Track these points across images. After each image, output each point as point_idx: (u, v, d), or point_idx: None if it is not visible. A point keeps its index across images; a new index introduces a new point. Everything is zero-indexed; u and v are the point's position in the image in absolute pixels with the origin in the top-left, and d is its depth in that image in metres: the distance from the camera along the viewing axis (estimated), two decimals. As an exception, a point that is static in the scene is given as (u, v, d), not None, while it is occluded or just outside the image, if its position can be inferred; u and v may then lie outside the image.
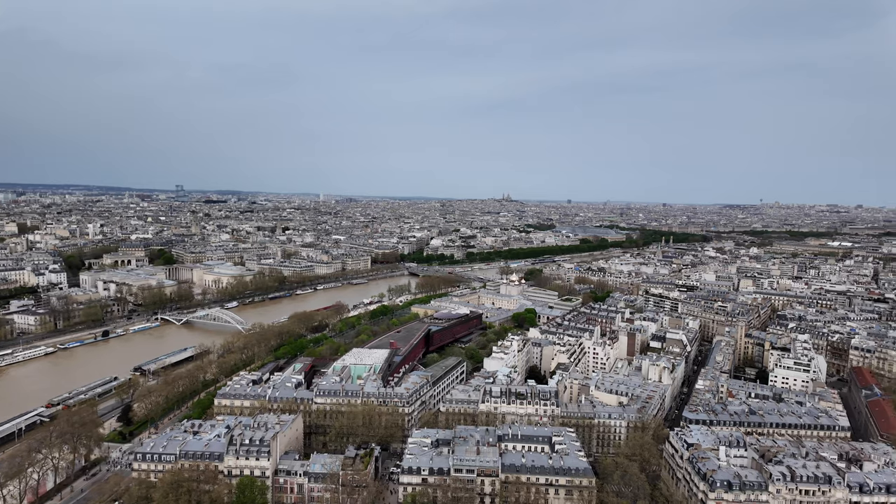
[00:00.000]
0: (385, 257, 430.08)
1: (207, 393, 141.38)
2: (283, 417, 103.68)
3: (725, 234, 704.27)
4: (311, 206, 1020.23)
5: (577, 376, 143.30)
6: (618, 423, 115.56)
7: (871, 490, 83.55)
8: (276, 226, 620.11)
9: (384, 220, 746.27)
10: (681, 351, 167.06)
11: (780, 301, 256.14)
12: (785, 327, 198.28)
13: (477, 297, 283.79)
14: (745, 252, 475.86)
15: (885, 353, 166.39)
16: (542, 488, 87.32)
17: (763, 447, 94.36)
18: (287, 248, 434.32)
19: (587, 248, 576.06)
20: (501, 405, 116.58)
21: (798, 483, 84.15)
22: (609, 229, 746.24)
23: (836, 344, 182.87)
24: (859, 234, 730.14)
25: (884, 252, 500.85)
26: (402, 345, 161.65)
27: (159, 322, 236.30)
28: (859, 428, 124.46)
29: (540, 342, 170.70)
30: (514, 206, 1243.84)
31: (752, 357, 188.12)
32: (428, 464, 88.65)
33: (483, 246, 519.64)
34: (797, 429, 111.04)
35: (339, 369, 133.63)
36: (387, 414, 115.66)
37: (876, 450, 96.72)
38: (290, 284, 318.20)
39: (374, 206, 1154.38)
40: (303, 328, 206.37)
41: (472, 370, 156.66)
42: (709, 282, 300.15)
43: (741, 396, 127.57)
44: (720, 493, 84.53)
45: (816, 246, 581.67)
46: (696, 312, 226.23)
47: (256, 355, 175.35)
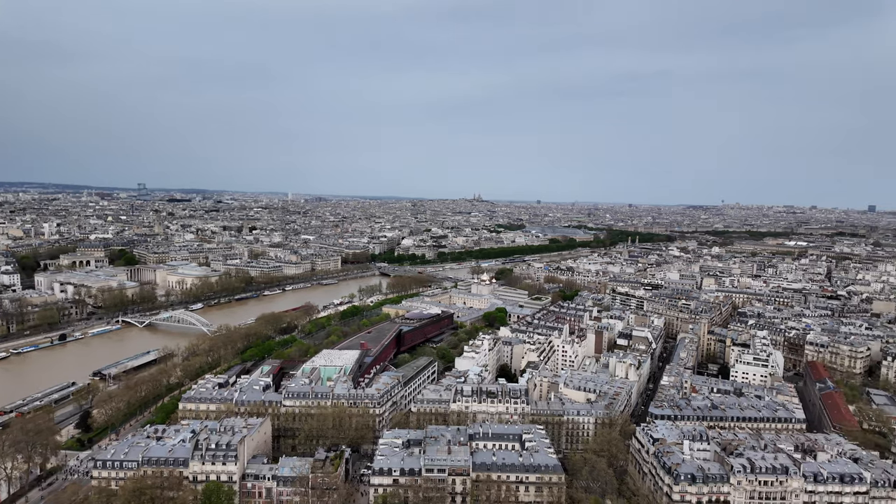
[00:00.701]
0: (356, 257, 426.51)
1: (172, 397, 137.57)
2: (250, 421, 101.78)
3: (689, 234, 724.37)
4: (280, 206, 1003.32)
5: (547, 374, 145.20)
6: (586, 419, 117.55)
7: (825, 479, 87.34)
8: (242, 225, 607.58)
9: (354, 220, 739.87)
10: (646, 348, 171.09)
11: (741, 298, 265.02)
12: (745, 324, 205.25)
13: (448, 296, 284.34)
14: (708, 251, 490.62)
15: (837, 348, 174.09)
16: (512, 486, 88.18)
17: (725, 440, 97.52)
18: (254, 249, 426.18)
19: (556, 247, 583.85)
20: (472, 404, 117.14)
21: (757, 474, 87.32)
22: (577, 229, 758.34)
23: (793, 339, 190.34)
24: (813, 234, 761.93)
25: (836, 251, 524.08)
26: (372, 345, 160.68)
27: (120, 325, 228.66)
28: (814, 420, 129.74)
29: (510, 341, 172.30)
30: (485, 206, 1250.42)
31: (715, 353, 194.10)
32: (399, 464, 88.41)
33: (454, 246, 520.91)
34: (756, 422, 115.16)
35: (308, 371, 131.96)
36: (357, 415, 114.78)
37: (829, 440, 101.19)
38: (257, 285, 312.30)
39: (345, 205, 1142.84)
40: (271, 330, 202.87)
41: (444, 370, 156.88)
42: (673, 280, 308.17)
43: (704, 392, 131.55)
44: (684, 486, 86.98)
45: (774, 245, 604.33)
46: (661, 310, 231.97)
47: (223, 358, 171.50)
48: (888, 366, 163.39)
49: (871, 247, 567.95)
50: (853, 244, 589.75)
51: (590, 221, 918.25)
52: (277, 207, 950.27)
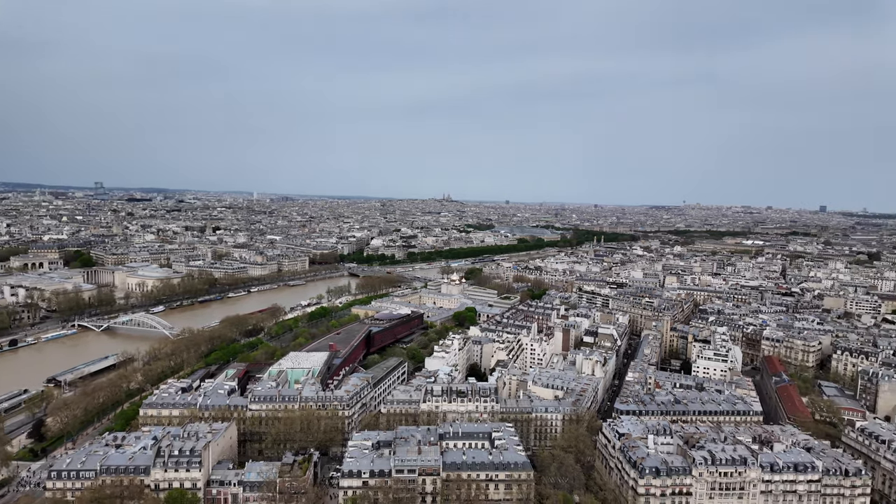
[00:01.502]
0: (324, 258, 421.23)
1: (132, 403, 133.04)
2: (215, 426, 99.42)
3: (652, 234, 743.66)
4: (245, 205, 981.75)
5: (516, 372, 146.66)
6: (554, 416, 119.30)
7: (781, 469, 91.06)
8: (205, 225, 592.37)
9: (322, 220, 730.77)
10: (612, 345, 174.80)
11: (702, 296, 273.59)
12: (706, 321, 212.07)
13: (418, 296, 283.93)
14: (670, 251, 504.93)
15: (792, 343, 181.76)
16: (482, 484, 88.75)
17: (687, 434, 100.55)
18: (218, 249, 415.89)
19: (525, 247, 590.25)
20: (443, 404, 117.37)
21: (718, 466, 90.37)
22: (545, 229, 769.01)
23: (750, 335, 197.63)
24: (769, 233, 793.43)
25: (790, 250, 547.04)
26: (341, 347, 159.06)
27: (76, 329, 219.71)
28: (770, 412, 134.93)
29: (480, 340, 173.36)
30: (454, 206, 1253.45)
31: (677, 349, 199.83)
32: (369, 466, 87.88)
33: (424, 246, 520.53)
34: (717, 415, 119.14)
35: (275, 374, 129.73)
36: (326, 418, 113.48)
37: (784, 431, 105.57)
38: (221, 287, 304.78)
39: (312, 205, 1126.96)
40: (236, 332, 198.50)
41: (414, 370, 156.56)
42: (637, 279, 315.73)
43: (667, 387, 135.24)
44: (649, 479, 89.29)
45: (733, 244, 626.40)
46: (626, 308, 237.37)
47: (186, 362, 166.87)
48: (838, 359, 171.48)
49: (822, 245, 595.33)
50: (806, 243, 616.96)
51: (557, 221, 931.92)
52: (242, 207, 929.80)
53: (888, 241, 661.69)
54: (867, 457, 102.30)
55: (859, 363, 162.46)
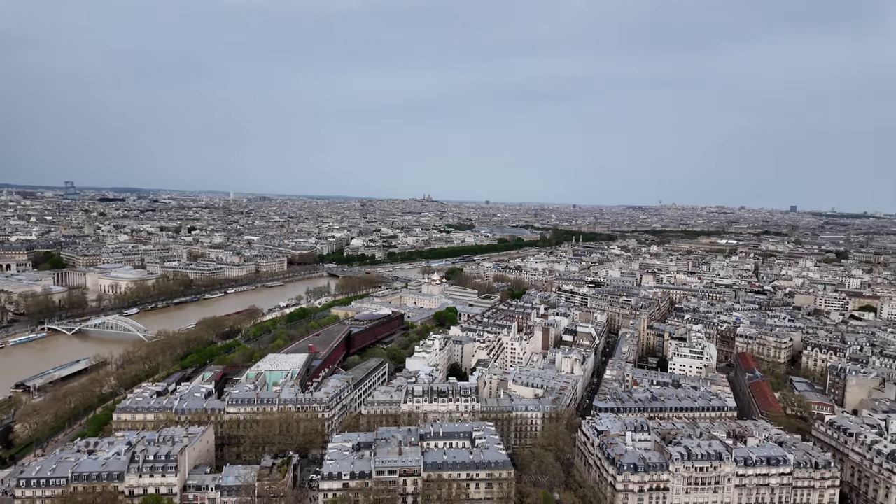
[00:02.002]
0: (302, 258, 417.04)
1: (105, 408, 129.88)
2: (191, 430, 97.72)
3: (629, 234, 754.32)
4: (221, 205, 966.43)
5: (497, 371, 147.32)
6: (534, 414, 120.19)
7: (754, 463, 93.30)
8: (181, 226, 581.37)
9: (301, 220, 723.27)
10: (590, 343, 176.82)
11: (678, 294, 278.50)
12: (681, 319, 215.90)
13: (399, 297, 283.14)
14: (647, 250, 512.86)
15: (764, 340, 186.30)
16: (463, 483, 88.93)
17: (664, 430, 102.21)
18: (194, 250, 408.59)
19: (505, 247, 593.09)
20: (423, 404, 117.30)
21: (694, 461, 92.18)
22: (525, 229, 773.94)
23: (725, 332, 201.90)
24: (742, 232, 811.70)
25: (762, 249, 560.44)
26: (321, 348, 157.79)
27: (46, 332, 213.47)
28: (744, 407, 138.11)
29: (461, 340, 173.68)
30: (434, 206, 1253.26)
31: (654, 347, 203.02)
32: (349, 468, 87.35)
33: (404, 246, 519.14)
34: (693, 411, 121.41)
35: (253, 376, 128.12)
36: (305, 420, 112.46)
37: (757, 426, 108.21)
38: (197, 288, 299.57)
39: (290, 205, 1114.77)
40: (212, 334, 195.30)
41: (395, 370, 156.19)
42: (615, 278, 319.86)
43: (644, 384, 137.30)
44: (627, 475, 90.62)
45: (707, 244, 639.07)
46: (604, 307, 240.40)
47: (161, 365, 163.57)
48: (808, 355, 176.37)
49: (793, 245, 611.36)
50: (777, 242, 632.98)
51: (536, 221, 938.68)
52: (219, 207, 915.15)
53: (855, 240, 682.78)
54: (836, 449, 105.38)
55: (828, 359, 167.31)
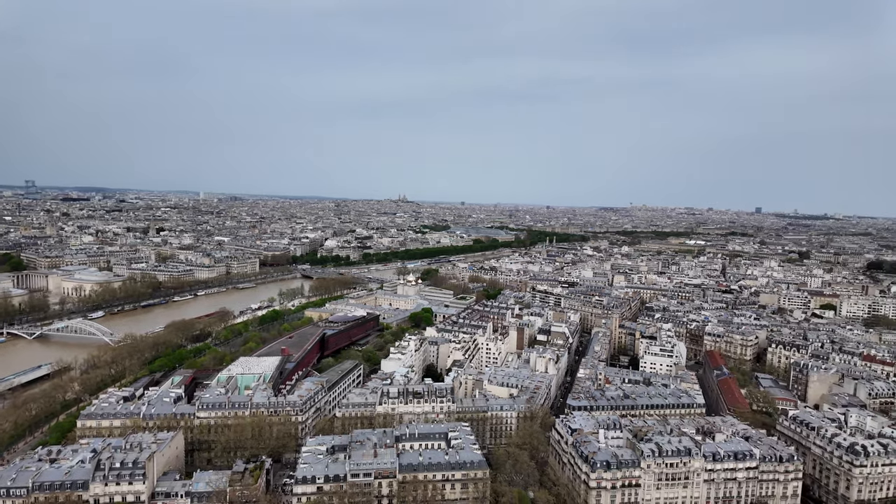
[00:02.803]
0: (275, 259, 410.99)
1: (68, 415, 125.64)
2: (160, 436, 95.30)
3: (601, 234, 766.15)
4: (191, 205, 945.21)
5: (472, 372, 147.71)
6: (509, 414, 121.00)
7: (722, 458, 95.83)
8: (149, 226, 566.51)
9: (274, 221, 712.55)
10: (564, 343, 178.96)
11: (648, 294, 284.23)
12: (652, 318, 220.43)
13: (374, 298, 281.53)
14: (618, 250, 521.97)
15: (731, 338, 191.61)
16: (438, 484, 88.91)
17: (636, 427, 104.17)
18: (162, 251, 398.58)
19: (480, 248, 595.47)
20: (399, 405, 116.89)
21: (664, 457, 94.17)
22: (500, 230, 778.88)
23: (694, 331, 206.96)
24: (710, 233, 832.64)
25: (729, 249, 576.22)
26: (294, 351, 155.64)
27: (6, 337, 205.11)
28: (712, 404, 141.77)
29: (436, 340, 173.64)
30: (410, 206, 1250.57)
31: (626, 345, 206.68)
32: (323, 471, 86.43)
33: (380, 247, 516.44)
34: (663, 408, 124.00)
35: (224, 380, 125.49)
36: (278, 424, 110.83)
37: (725, 422, 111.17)
38: (166, 290, 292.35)
39: (263, 205, 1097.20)
40: (182, 338, 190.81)
41: (370, 372, 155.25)
42: (587, 278, 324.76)
43: (617, 382, 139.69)
44: (600, 472, 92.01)
45: (677, 244, 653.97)
46: (577, 306, 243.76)
47: (128, 369, 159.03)
48: (773, 352, 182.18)
49: (758, 245, 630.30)
50: (743, 243, 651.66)
51: (511, 222, 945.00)
52: (188, 207, 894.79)
53: (816, 240, 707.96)
54: (799, 443, 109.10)
55: (791, 356, 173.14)
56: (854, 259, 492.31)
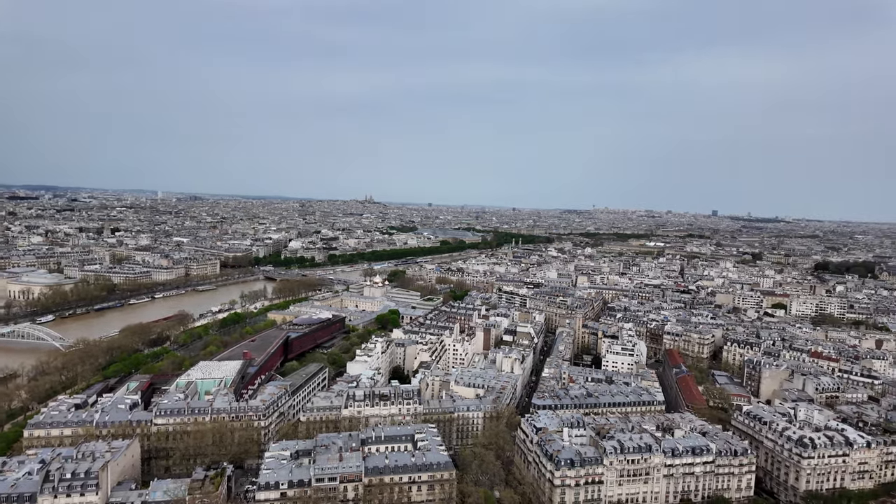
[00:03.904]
0: (237, 261, 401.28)
1: (15, 424, 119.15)
2: (115, 444, 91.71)
3: (565, 236, 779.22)
4: (148, 205, 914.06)
5: (439, 373, 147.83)
6: (475, 414, 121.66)
7: (681, 453, 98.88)
8: (103, 227, 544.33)
9: (235, 221, 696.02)
10: (529, 343, 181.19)
11: (610, 294, 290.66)
12: (614, 317, 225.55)
13: (340, 300, 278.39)
14: (582, 252, 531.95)
15: (689, 337, 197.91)
16: (405, 486, 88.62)
17: (598, 425, 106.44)
18: (118, 252, 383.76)
19: (447, 249, 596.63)
20: (365, 408, 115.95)
21: (626, 454, 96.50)
22: (467, 231, 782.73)
23: (654, 330, 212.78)
24: (669, 235, 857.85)
25: (687, 251, 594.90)
26: (257, 354, 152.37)
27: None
28: (671, 401, 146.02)
29: (403, 342, 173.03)
30: (377, 207, 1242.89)
31: (589, 345, 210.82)
32: (287, 477, 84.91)
33: (346, 248, 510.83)
34: (625, 406, 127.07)
35: (183, 385, 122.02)
36: (240, 429, 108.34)
37: (683, 418, 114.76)
38: (121, 293, 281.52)
39: (224, 205, 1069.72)
40: (138, 342, 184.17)
41: (336, 375, 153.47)
42: (552, 279, 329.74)
43: (580, 381, 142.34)
44: (564, 470, 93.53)
45: (637, 246, 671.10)
46: (542, 307, 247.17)
47: (80, 376, 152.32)
48: (728, 350, 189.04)
49: (714, 247, 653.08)
50: (700, 244, 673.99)
51: (478, 224, 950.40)
52: (145, 207, 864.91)
53: (768, 242, 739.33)
54: (752, 437, 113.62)
55: (745, 353, 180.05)
56: (803, 260, 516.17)
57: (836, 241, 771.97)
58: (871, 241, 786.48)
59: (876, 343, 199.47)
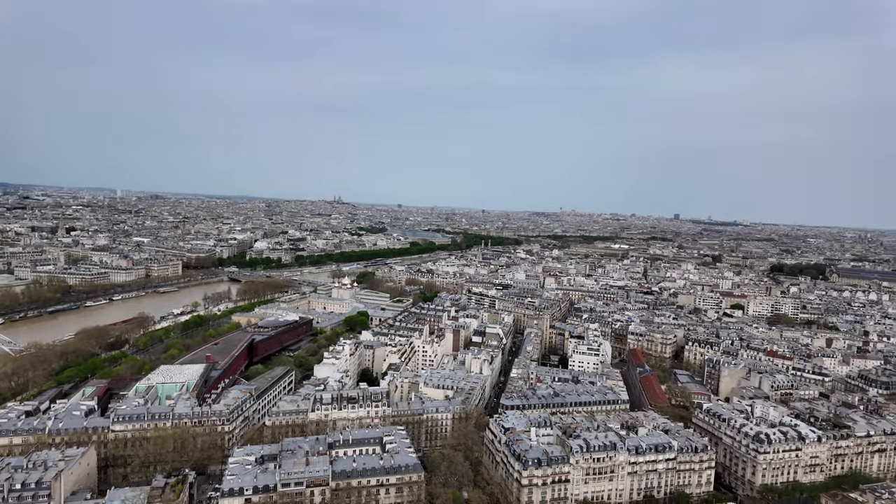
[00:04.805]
0: (200, 262, 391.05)
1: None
2: (69, 452, 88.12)
3: (533, 238, 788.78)
4: (106, 204, 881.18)
5: (408, 375, 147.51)
6: (444, 416, 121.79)
7: (644, 451, 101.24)
8: (58, 226, 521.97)
9: (199, 221, 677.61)
10: (498, 343, 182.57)
11: (577, 295, 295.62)
12: (580, 318, 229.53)
13: (307, 302, 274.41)
14: (549, 254, 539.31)
15: (652, 337, 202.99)
16: (373, 490, 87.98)
17: (565, 424, 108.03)
18: (73, 253, 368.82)
19: (417, 250, 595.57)
20: (333, 411, 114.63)
21: (592, 452, 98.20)
22: (436, 233, 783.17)
23: (618, 330, 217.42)
24: (633, 238, 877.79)
25: (650, 253, 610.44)
26: (220, 358, 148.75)
27: None
28: (635, 399, 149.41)
29: (372, 344, 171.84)
30: (346, 208, 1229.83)
31: (556, 345, 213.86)
32: (252, 482, 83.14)
33: (314, 249, 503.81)
34: (591, 405, 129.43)
35: (143, 390, 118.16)
36: (203, 435, 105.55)
37: (647, 416, 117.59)
38: (77, 295, 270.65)
39: (187, 204, 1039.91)
40: (95, 346, 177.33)
41: (302, 378, 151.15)
42: (520, 280, 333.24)
43: (547, 381, 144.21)
44: (532, 470, 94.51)
45: (603, 248, 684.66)
46: (511, 308, 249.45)
47: (32, 381, 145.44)
48: (689, 349, 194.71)
49: (676, 249, 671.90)
50: (663, 247, 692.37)
51: (448, 225, 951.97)
52: (103, 206, 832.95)
53: (727, 245, 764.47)
54: (712, 434, 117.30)
55: (705, 352, 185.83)
56: (759, 262, 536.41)
57: (790, 245, 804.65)
58: (822, 245, 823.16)
59: (826, 342, 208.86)
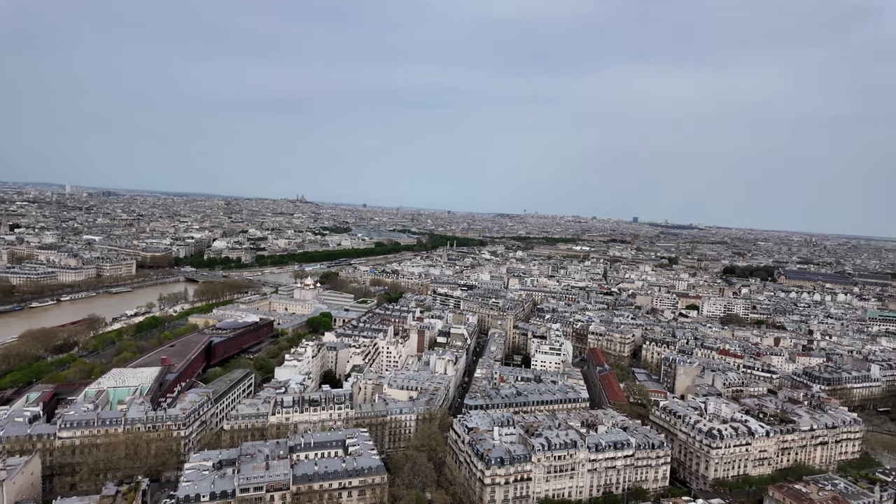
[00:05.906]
0: (155, 261, 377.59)
1: None
2: (11, 461, 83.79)
3: (498, 240, 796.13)
4: (54, 200, 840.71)
5: (372, 376, 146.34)
6: (408, 417, 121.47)
7: (603, 448, 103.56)
8: (0, 223, 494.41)
9: (154, 219, 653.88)
10: (463, 344, 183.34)
11: (539, 296, 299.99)
12: (543, 318, 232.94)
13: (268, 303, 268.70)
14: (513, 255, 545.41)
15: (612, 336, 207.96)
16: (335, 493, 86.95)
17: (527, 423, 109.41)
18: (17, 251, 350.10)
19: (382, 251, 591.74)
20: (294, 414, 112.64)
21: (553, 451, 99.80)
22: (402, 233, 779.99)
23: (579, 330, 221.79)
24: (594, 240, 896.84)
25: (610, 255, 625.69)
26: (176, 360, 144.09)
27: None
28: (595, 398, 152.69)
29: (335, 346, 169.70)
30: (309, 207, 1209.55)
31: (519, 345, 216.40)
32: (209, 488, 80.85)
33: (275, 248, 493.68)
34: (552, 404, 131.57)
35: (92, 395, 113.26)
36: (158, 440, 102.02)
37: (606, 414, 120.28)
38: (21, 295, 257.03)
39: (141, 201, 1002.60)
40: (41, 349, 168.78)
41: (263, 381, 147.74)
42: (485, 281, 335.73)
43: (511, 381, 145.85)
44: (494, 469, 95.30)
45: (565, 250, 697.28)
46: (475, 308, 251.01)
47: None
48: (647, 349, 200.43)
49: (635, 251, 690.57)
50: (622, 249, 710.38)
51: (413, 226, 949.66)
52: (51, 202, 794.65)
53: (683, 247, 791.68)
54: (668, 430, 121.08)
55: (662, 351, 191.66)
56: (713, 265, 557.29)
57: (741, 248, 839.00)
58: (771, 248, 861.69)
59: (774, 340, 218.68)
